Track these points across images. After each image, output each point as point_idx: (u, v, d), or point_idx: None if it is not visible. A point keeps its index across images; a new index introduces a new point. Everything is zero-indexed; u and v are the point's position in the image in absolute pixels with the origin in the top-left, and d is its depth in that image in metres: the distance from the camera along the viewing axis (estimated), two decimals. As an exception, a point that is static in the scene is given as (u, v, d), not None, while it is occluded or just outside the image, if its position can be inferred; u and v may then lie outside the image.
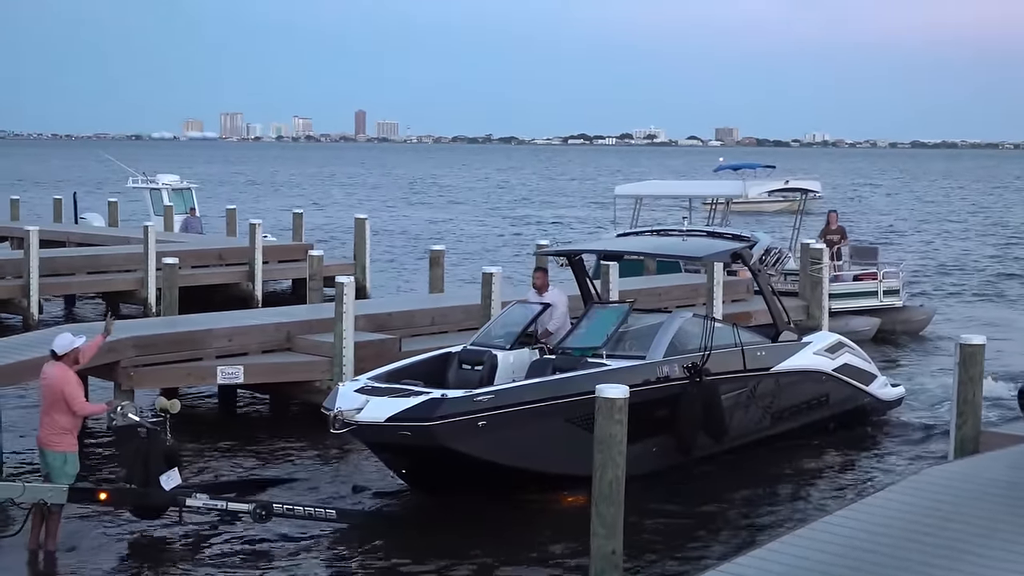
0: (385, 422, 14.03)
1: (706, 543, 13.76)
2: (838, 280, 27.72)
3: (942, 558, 9.65)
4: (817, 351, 18.71)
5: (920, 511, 10.90)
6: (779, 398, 17.78)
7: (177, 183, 43.09)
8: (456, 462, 14.33)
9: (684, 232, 21.24)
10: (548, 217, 75.71)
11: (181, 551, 13.29)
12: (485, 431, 14.25)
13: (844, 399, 19.00)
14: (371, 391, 14.61)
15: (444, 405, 14.14)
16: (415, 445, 14.21)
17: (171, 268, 24.71)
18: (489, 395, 14.54)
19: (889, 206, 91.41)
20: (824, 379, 18.61)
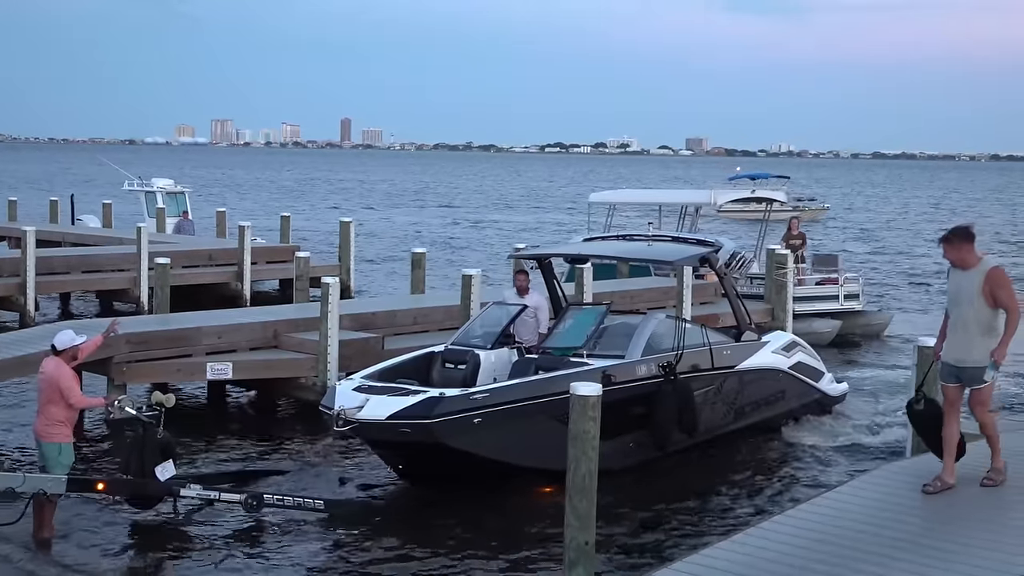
0: (386, 420, 14.04)
1: (675, 535, 13.82)
2: (802, 284, 27.85)
3: (902, 550, 9.71)
4: (774, 350, 18.94)
5: (880, 505, 10.96)
6: (742, 394, 17.96)
7: (171, 187, 43.07)
8: (452, 458, 14.37)
9: (649, 237, 21.37)
10: (530, 222, 75.73)
11: (175, 539, 13.28)
12: (480, 428, 14.30)
13: (798, 395, 19.25)
14: (368, 390, 14.61)
15: (443, 403, 14.17)
16: (414, 441, 14.23)
17: (163, 268, 24.67)
18: (484, 393, 14.59)
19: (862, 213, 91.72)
20: (781, 376, 18.84)
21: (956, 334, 11.10)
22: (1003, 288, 10.83)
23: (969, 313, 10.92)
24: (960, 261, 11.03)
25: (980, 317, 10.88)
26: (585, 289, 22.70)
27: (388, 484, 15.52)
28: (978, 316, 10.88)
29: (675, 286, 24.26)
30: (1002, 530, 10.15)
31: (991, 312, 10.85)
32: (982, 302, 10.84)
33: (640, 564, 12.28)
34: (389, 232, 62.35)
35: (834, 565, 9.39)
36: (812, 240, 33.02)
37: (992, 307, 10.84)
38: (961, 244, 11.02)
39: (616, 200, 33.58)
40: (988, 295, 10.81)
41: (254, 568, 12.44)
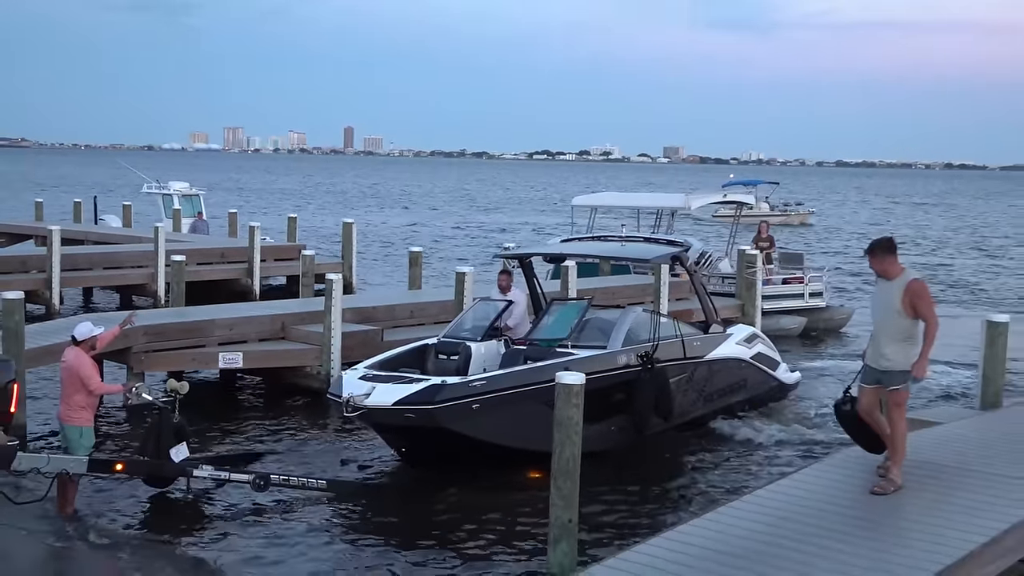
0: (392, 406, 14.10)
1: (652, 513, 13.83)
2: (769, 283, 27.92)
3: (859, 528, 9.76)
4: (738, 341, 19.07)
5: (841, 485, 11.01)
6: (710, 382, 18.06)
7: (187, 189, 43.02)
8: (451, 441, 14.40)
9: (623, 238, 21.45)
10: (515, 223, 75.74)
11: (189, 515, 13.29)
12: (478, 413, 14.34)
13: (758, 383, 19.37)
14: (374, 378, 14.67)
15: (444, 390, 14.23)
16: (417, 426, 14.27)
17: (179, 265, 24.65)
18: (482, 381, 14.64)
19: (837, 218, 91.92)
20: (743, 366, 18.96)
21: (877, 339, 10.97)
22: (922, 300, 10.70)
23: (890, 321, 10.80)
24: (883, 272, 10.91)
25: (900, 325, 10.75)
26: (570, 286, 22.75)
27: (386, 465, 15.52)
28: (898, 324, 10.75)
29: (652, 283, 24.30)
30: (948, 508, 10.19)
31: (910, 322, 10.74)
32: (902, 312, 10.70)
33: (620, 540, 12.28)
34: (388, 232, 62.30)
35: (799, 541, 9.43)
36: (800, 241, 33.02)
37: (911, 317, 10.72)
38: (884, 256, 10.89)
39: (598, 203, 33.51)
40: (908, 306, 10.68)
41: (261, 543, 12.42)
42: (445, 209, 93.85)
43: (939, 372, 23.19)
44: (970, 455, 12.06)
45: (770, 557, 9.06)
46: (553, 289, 22.50)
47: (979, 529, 9.59)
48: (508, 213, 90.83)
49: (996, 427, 13.65)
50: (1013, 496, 10.46)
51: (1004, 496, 10.49)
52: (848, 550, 9.22)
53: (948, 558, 8.95)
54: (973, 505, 10.27)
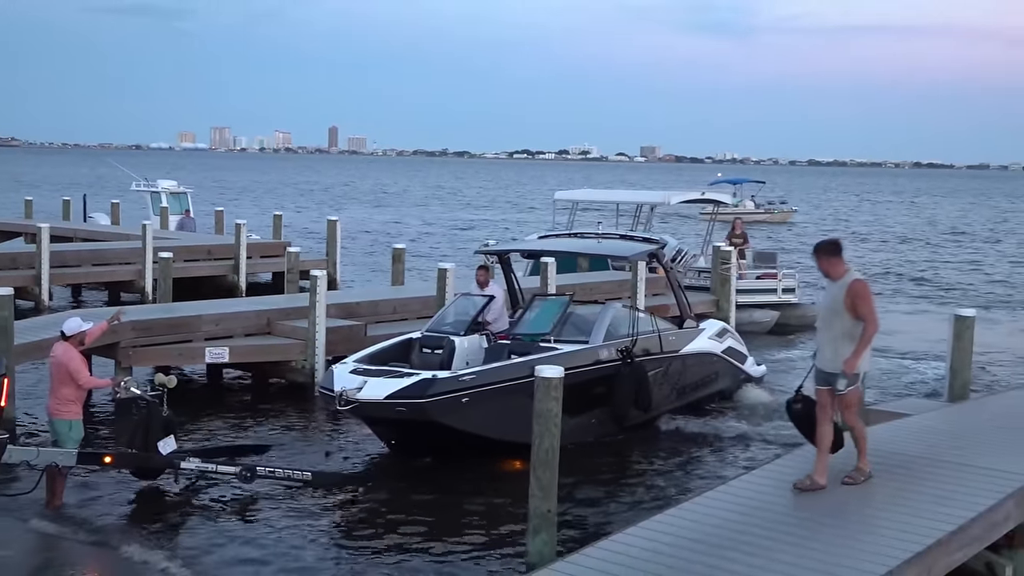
0: (383, 399, 14.13)
1: (630, 504, 13.85)
2: (743, 279, 28.03)
3: (830, 516, 9.79)
4: (710, 336, 19.19)
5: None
6: (684, 375, 18.15)
7: (174, 187, 42.86)
8: (441, 433, 14.44)
9: (599, 235, 21.50)
10: (496, 220, 75.69)
11: (176, 507, 13.25)
12: (467, 406, 14.39)
13: (728, 376, 19.51)
14: (365, 372, 14.68)
15: (435, 384, 14.27)
16: (408, 419, 14.28)
17: (166, 261, 24.59)
18: (472, 375, 14.68)
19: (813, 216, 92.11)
20: (715, 359, 19.08)
21: (825, 341, 10.72)
22: (863, 300, 10.45)
23: (835, 322, 10.56)
24: (830, 272, 10.67)
25: (844, 326, 10.49)
26: (549, 282, 22.76)
27: (370, 457, 15.52)
28: (843, 325, 10.49)
29: (630, 279, 24.33)
30: (917, 498, 10.23)
31: (853, 322, 10.47)
32: (846, 313, 10.45)
33: (598, 530, 12.30)
34: (372, 229, 62.20)
35: (769, 530, 9.46)
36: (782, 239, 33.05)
37: (855, 318, 10.46)
38: (829, 257, 10.66)
39: (578, 198, 33.53)
40: (850, 307, 10.43)
41: (247, 534, 12.40)
42: (420, 206, 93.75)
43: (909, 365, 23.34)
44: (938, 446, 12.10)
45: (742, 545, 9.08)
46: (533, 285, 22.52)
47: (946, 518, 9.62)
48: (482, 210, 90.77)
49: (964, 418, 13.71)
50: (980, 486, 10.50)
51: (971, 486, 10.53)
52: (817, 538, 9.25)
53: (916, 546, 8.98)
54: (941, 494, 10.30)
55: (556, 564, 9.01)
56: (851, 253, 53.13)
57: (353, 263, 41.89)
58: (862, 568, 8.53)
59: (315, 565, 11.59)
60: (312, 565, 11.58)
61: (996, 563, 10.25)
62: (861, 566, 8.57)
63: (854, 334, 10.48)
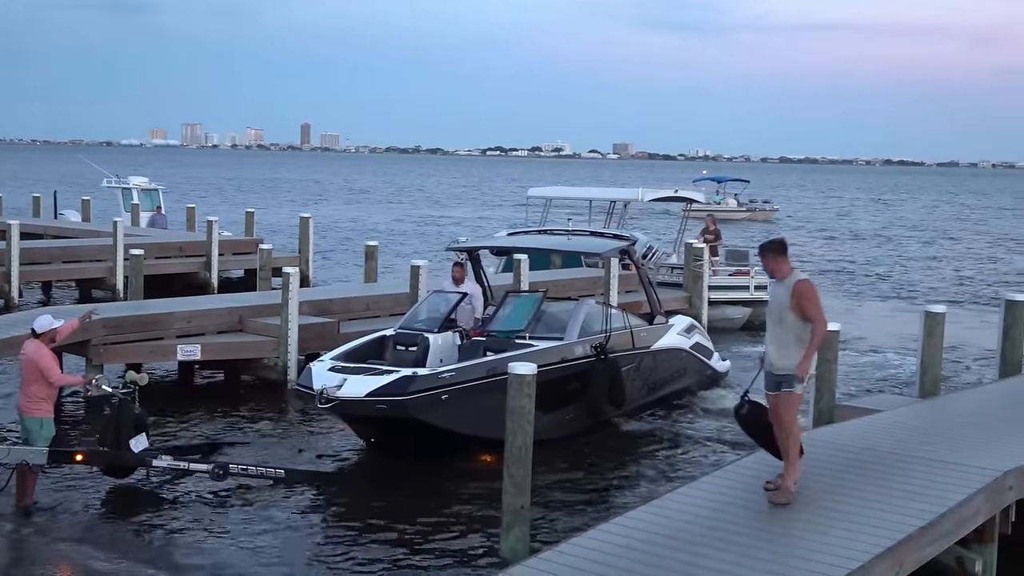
0: (364, 397, 14.09)
1: (603, 500, 13.90)
2: (716, 275, 28.14)
3: (802, 512, 9.84)
4: (679, 332, 19.32)
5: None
6: (656, 371, 18.24)
7: (145, 184, 42.64)
8: (421, 431, 14.43)
9: (569, 232, 21.55)
10: (471, 217, 75.64)
11: (148, 505, 13.17)
12: (446, 403, 14.37)
13: (696, 371, 19.64)
14: (344, 370, 14.65)
15: (416, 381, 14.27)
16: (389, 416, 14.25)
17: (137, 258, 24.44)
18: (451, 372, 14.68)
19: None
20: (684, 355, 19.22)
21: (772, 343, 10.43)
22: (809, 301, 10.18)
23: (782, 324, 10.27)
24: (775, 272, 10.44)
25: (791, 327, 10.21)
26: (522, 278, 22.76)
27: (343, 454, 15.49)
28: (789, 326, 10.22)
29: (603, 276, 24.37)
30: (888, 493, 10.29)
31: (801, 324, 10.19)
32: (792, 314, 10.18)
33: (572, 526, 12.31)
34: (345, 226, 62.06)
35: (742, 525, 9.50)
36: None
37: (802, 319, 10.19)
38: (775, 256, 10.41)
39: (552, 195, 33.56)
40: (797, 307, 10.16)
41: (219, 531, 12.36)
42: (403, 204, 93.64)
43: (879, 362, 23.48)
44: (909, 442, 12.17)
45: (715, 541, 9.11)
46: (506, 282, 22.52)
47: (917, 513, 9.68)
48: (452, 207, 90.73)
49: (934, 414, 13.79)
50: (950, 481, 10.57)
51: (942, 481, 10.59)
52: (789, 534, 9.31)
53: (887, 540, 9.04)
54: (912, 490, 10.36)
55: (530, 561, 9.02)
56: (831, 249, 53.41)
57: (325, 260, 41.79)
58: (834, 563, 8.58)
59: (288, 563, 11.56)
60: (285, 563, 11.55)
61: (966, 558, 10.31)
62: (833, 561, 8.62)
63: (802, 336, 10.21)
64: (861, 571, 8.52)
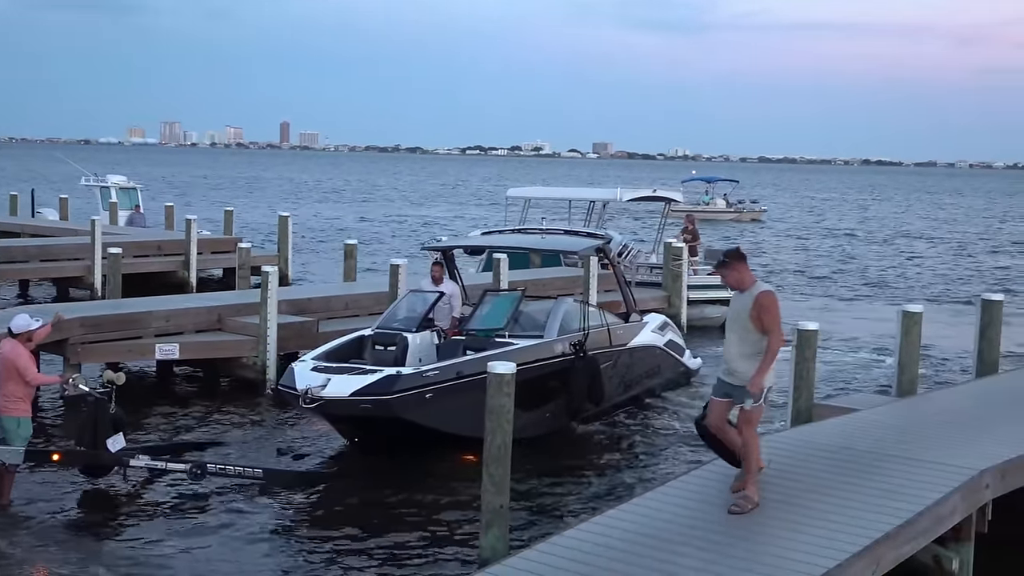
0: (349, 396, 14.09)
1: (582, 499, 13.90)
2: (696, 275, 28.23)
3: (780, 511, 9.86)
4: (653, 329, 19.43)
5: (763, 470, 11.09)
6: (632, 368, 18.33)
7: (124, 183, 42.48)
8: (406, 430, 14.44)
9: (543, 230, 21.60)
10: (449, 216, 75.57)
11: (126, 505, 13.13)
12: (430, 402, 14.40)
13: (669, 368, 19.76)
14: (327, 370, 14.64)
15: (401, 380, 14.29)
16: (373, 416, 14.25)
17: (115, 257, 24.35)
18: (435, 371, 14.70)
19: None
20: (658, 352, 19.32)
21: (731, 354, 10.19)
22: (768, 313, 9.89)
23: (740, 334, 10.04)
24: (736, 283, 10.17)
25: (750, 338, 9.97)
26: (502, 277, 22.76)
27: (322, 454, 15.46)
28: (748, 337, 9.98)
29: (581, 275, 24.40)
30: (866, 492, 10.33)
31: (759, 335, 9.93)
32: (751, 325, 9.93)
33: (550, 525, 12.32)
34: (324, 225, 61.94)
35: (720, 523, 9.53)
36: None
37: (760, 331, 9.92)
38: (736, 265, 10.15)
39: (531, 195, 33.60)
40: (756, 318, 9.91)
41: (197, 531, 12.32)
42: (381, 202, 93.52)
43: (857, 361, 23.57)
44: (886, 441, 12.21)
45: (693, 540, 9.12)
46: (485, 281, 22.53)
47: (894, 511, 9.72)
48: (446, 206, 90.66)
49: (912, 413, 13.84)
50: (927, 480, 10.60)
51: (919, 480, 10.63)
52: (767, 532, 9.32)
53: (864, 539, 9.06)
54: (889, 488, 10.40)
55: (509, 559, 9.02)
56: (805, 247, 53.54)
57: (304, 259, 41.68)
58: (811, 561, 8.60)
59: (267, 563, 11.53)
60: (264, 563, 11.53)
61: (943, 556, 10.36)
62: (810, 559, 8.64)
63: (760, 347, 9.97)
64: (838, 570, 8.54)
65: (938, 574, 10.38)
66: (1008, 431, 12.79)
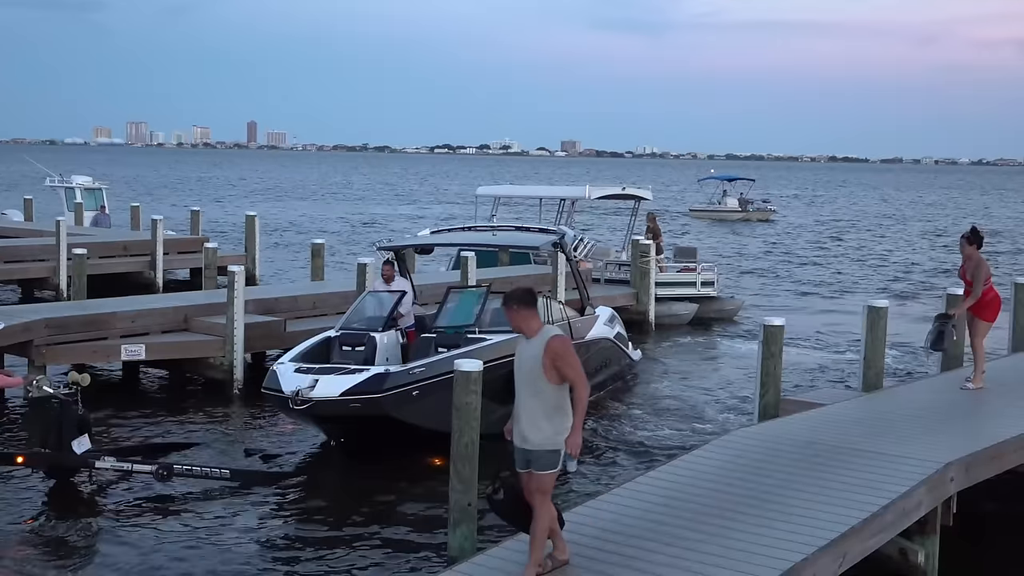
0: (339, 396, 14.08)
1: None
2: (664, 272, 28.34)
3: (748, 505, 9.89)
4: (604, 322, 19.62)
5: (731, 465, 11.15)
6: (590, 361, 18.24)
7: (89, 183, 42.22)
8: (392, 428, 14.42)
9: (493, 228, 21.58)
10: (417, 214, 75.47)
11: (91, 508, 13.02)
12: (417, 400, 14.41)
13: (617, 361, 19.96)
14: (307, 371, 14.61)
15: (390, 378, 14.32)
16: (363, 415, 14.22)
17: (80, 258, 24.21)
18: (422, 368, 14.71)
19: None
20: (609, 345, 19.51)
21: (524, 414, 8.57)
22: (564, 359, 8.39)
23: (533, 387, 8.47)
24: (522, 328, 8.65)
25: (544, 393, 8.42)
26: (469, 275, 22.76)
27: (290, 454, 15.39)
28: (543, 391, 8.42)
29: (549, 272, 24.45)
30: (832, 486, 10.39)
31: (555, 388, 8.41)
32: (545, 376, 8.39)
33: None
34: (291, 224, 61.74)
35: (690, 520, 9.56)
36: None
37: (557, 382, 8.39)
38: (520, 309, 8.61)
39: (501, 193, 33.60)
40: (551, 368, 8.35)
41: (164, 534, 12.22)
42: (353, 201, 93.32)
43: (823, 357, 23.68)
44: (853, 435, 12.28)
45: (661, 535, 9.15)
46: (453, 279, 22.54)
47: (860, 505, 9.78)
48: (416, 205, 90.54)
49: (877, 408, 13.92)
50: (893, 473, 10.67)
51: (884, 473, 10.70)
52: (735, 527, 9.35)
53: (831, 533, 9.12)
54: (855, 482, 10.46)
55: (477, 558, 9.02)
56: (773, 245, 53.71)
57: (270, 258, 41.52)
58: (778, 556, 8.64)
59: (234, 563, 11.46)
60: (231, 563, 11.45)
61: (909, 549, 10.43)
62: (777, 554, 8.68)
63: (559, 402, 8.45)
64: (805, 563, 8.59)
65: (904, 567, 10.47)
66: (972, 425, 12.91)
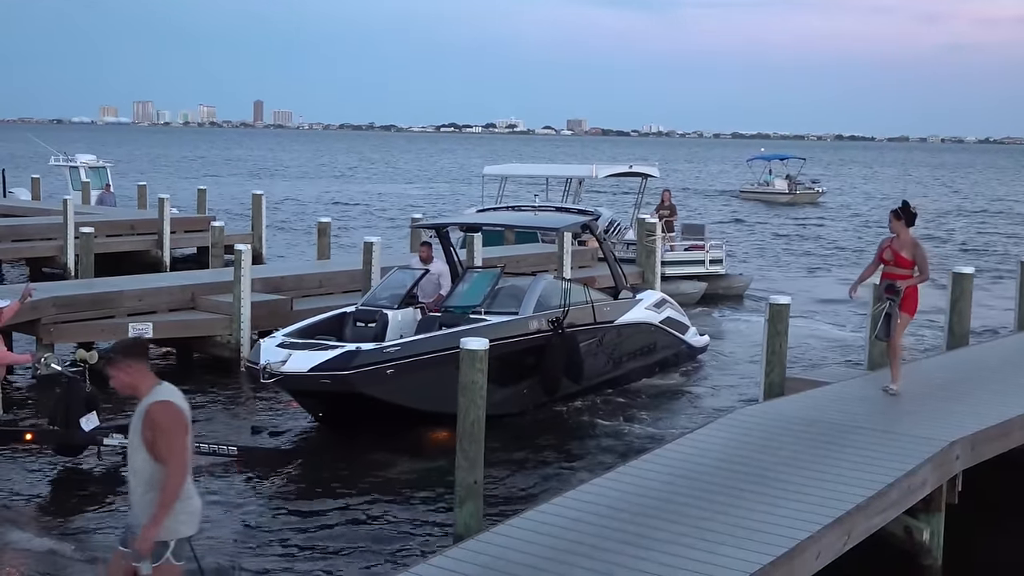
0: (308, 372, 14.16)
1: (556, 474, 13.91)
2: (672, 250, 28.32)
3: (753, 483, 9.91)
4: (647, 306, 19.30)
5: (736, 443, 11.16)
6: (620, 346, 18.25)
7: (94, 162, 42.22)
8: (367, 405, 14.48)
9: (536, 207, 21.59)
10: (425, 193, 75.42)
11: (99, 483, 13.08)
12: (392, 378, 14.42)
13: (667, 346, 19.63)
14: (290, 346, 14.69)
15: (359, 356, 14.33)
16: (333, 391, 14.31)
17: (87, 237, 24.23)
18: (396, 347, 14.74)
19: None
20: (653, 330, 19.18)
21: (134, 492, 7.09)
22: (161, 432, 6.91)
23: (139, 461, 7.00)
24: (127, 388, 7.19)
25: (147, 469, 6.96)
26: (476, 255, 22.77)
27: (296, 432, 15.43)
28: (145, 467, 6.96)
29: (556, 252, 24.42)
30: (837, 464, 10.40)
31: (156, 466, 6.93)
32: (144, 447, 6.96)
33: (525, 500, 12.35)
34: (299, 203, 61.72)
35: (696, 497, 9.56)
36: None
37: (156, 460, 6.92)
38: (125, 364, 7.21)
39: (507, 173, 33.59)
40: (150, 442, 6.91)
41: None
42: (358, 179, 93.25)
43: (828, 334, 23.66)
44: (858, 413, 12.30)
45: (667, 513, 9.17)
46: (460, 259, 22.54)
47: (865, 483, 9.79)
48: (421, 183, 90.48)
49: (882, 386, 13.92)
50: (897, 451, 10.69)
51: (889, 452, 10.71)
52: (740, 504, 9.36)
53: (836, 511, 9.14)
54: (860, 460, 10.48)
55: (483, 535, 9.04)
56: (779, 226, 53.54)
57: (277, 236, 41.54)
58: (783, 533, 8.66)
59: (241, 540, 11.51)
60: (238, 540, 11.50)
61: (914, 527, 10.46)
62: (782, 531, 8.70)
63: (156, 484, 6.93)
64: (810, 541, 8.61)
65: (909, 544, 10.49)
66: (978, 402, 12.90)
